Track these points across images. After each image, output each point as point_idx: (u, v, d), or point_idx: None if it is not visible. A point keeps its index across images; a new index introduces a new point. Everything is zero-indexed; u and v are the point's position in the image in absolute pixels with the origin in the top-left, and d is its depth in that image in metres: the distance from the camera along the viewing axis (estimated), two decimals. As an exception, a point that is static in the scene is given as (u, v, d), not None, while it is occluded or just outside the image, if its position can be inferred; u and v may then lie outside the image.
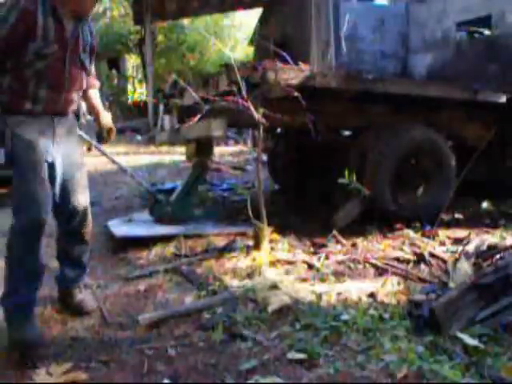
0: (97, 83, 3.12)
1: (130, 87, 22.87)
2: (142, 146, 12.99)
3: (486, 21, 5.83)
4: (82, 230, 2.96)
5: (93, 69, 2.97)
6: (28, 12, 2.49)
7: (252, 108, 3.65)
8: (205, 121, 4.20)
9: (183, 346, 2.55)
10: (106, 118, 3.10)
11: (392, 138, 4.59)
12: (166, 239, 4.18)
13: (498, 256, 3.45)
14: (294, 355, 2.36)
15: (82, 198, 2.87)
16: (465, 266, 3.31)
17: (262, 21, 15.23)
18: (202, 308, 2.94)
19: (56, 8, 2.58)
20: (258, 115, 3.71)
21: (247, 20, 21.87)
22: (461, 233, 4.26)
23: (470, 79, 5.35)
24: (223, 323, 2.70)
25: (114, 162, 5.73)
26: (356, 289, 3.11)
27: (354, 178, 4.11)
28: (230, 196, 6.38)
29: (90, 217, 2.98)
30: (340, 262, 3.64)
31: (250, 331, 2.63)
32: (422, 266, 3.54)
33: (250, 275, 3.41)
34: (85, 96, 3.03)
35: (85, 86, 2.90)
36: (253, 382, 2.19)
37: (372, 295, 3.04)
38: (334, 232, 4.19)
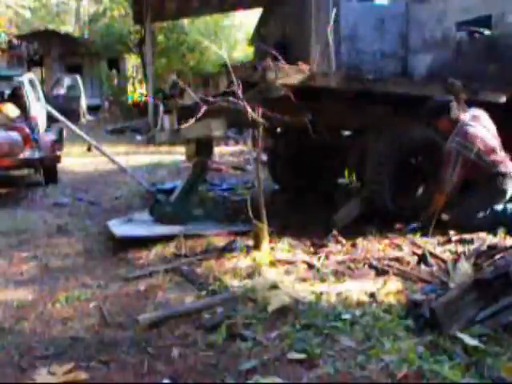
0: None
1: (130, 87, 22.88)
2: (141, 145, 12.98)
3: (486, 21, 5.81)
4: None
5: None
6: None
7: (249, 109, 3.64)
8: (205, 121, 4.20)
9: (183, 346, 2.55)
10: None
11: (392, 138, 4.59)
12: (166, 239, 4.18)
13: (497, 256, 3.44)
14: (293, 355, 2.36)
15: None
16: (465, 266, 3.31)
17: (262, 21, 15.23)
18: (202, 308, 2.94)
19: None
20: (255, 115, 3.70)
21: (247, 20, 21.88)
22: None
23: (469, 79, 5.34)
24: (223, 323, 2.70)
25: (113, 161, 5.74)
26: (356, 289, 3.11)
27: (354, 178, 4.12)
28: (230, 196, 6.38)
29: None
30: (340, 262, 3.64)
31: (249, 331, 2.63)
32: (422, 265, 3.54)
33: (250, 275, 3.41)
34: None
35: None
36: (253, 382, 2.18)
37: (372, 295, 3.04)
38: (334, 232, 4.18)
